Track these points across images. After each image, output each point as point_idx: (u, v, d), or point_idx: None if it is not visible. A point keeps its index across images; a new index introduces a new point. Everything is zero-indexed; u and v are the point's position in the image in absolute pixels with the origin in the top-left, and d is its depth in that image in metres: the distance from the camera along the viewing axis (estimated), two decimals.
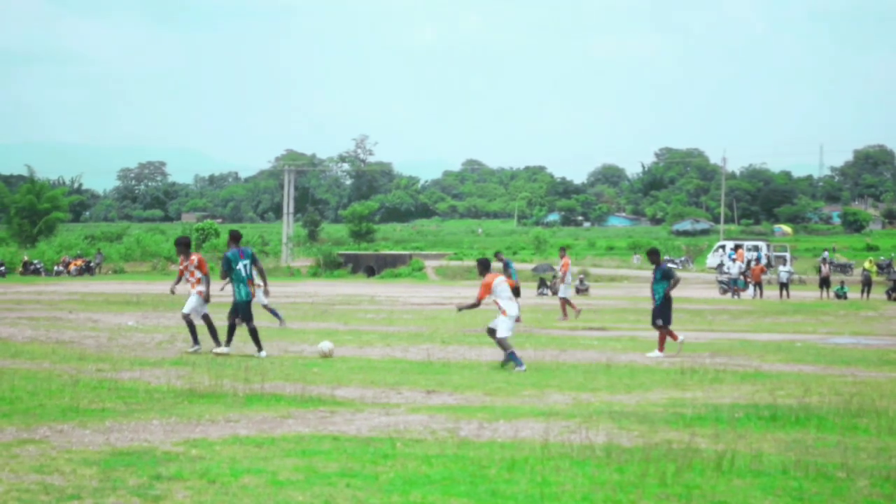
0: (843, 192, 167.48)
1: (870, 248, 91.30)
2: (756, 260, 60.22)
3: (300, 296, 40.84)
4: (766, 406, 11.65)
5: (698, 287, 54.41)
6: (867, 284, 45.18)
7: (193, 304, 17.70)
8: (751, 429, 10.24)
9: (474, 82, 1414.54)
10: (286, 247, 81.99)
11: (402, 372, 15.26)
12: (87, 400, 11.85)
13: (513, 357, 15.71)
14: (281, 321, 23.62)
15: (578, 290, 46.02)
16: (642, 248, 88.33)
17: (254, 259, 17.52)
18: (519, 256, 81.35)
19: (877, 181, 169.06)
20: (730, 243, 70.90)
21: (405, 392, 13.09)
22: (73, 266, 66.15)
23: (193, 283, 17.79)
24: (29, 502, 7.13)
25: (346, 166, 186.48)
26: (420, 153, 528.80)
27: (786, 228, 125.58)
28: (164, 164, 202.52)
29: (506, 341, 15.90)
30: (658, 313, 18.32)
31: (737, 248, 66.76)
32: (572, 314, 27.92)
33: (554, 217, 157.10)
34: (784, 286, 44.61)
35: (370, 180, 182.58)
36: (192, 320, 17.71)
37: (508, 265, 27.17)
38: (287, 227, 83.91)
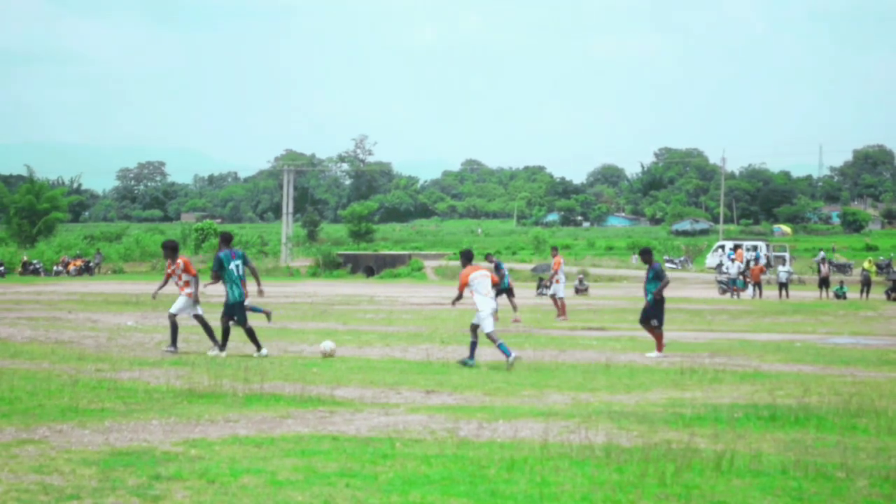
0: (842, 192, 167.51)
1: (869, 248, 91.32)
2: (755, 260, 60.24)
3: (299, 296, 40.85)
4: (766, 406, 11.65)
5: (697, 287, 54.44)
6: (866, 284, 45.20)
7: (181, 305, 17.72)
8: (750, 429, 10.24)
9: (474, 82, 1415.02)
10: (285, 247, 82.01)
11: (401, 372, 15.27)
12: (86, 400, 11.84)
13: (472, 349, 16.39)
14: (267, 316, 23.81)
15: (578, 291, 46.03)
16: (641, 248, 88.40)
17: (245, 259, 17.60)
18: (518, 256, 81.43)
19: (876, 181, 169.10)
20: (729, 243, 70.93)
21: (404, 392, 13.09)
22: (72, 266, 66.15)
23: (182, 287, 17.82)
24: (28, 502, 7.13)
25: (345, 166, 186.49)
26: (419, 153, 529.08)
27: (785, 228, 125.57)
28: (163, 164, 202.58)
29: (494, 336, 16.24)
30: (652, 314, 18.29)
31: (736, 248, 66.77)
32: (561, 311, 28.14)
33: (553, 217, 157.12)
34: (783, 286, 44.63)
35: (369, 180, 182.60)
36: (176, 322, 17.74)
37: (499, 266, 27.33)
38: (286, 228, 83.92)
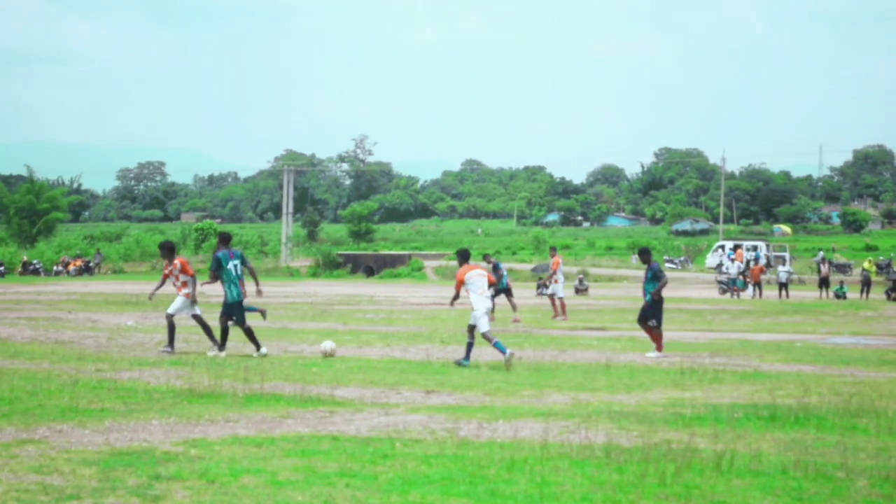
0: (842, 192, 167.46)
1: (869, 248, 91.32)
2: (755, 260, 60.23)
3: (299, 296, 40.84)
4: (766, 406, 11.65)
5: (698, 287, 54.44)
6: (866, 284, 45.19)
7: (178, 306, 17.76)
8: (750, 429, 10.24)
9: (474, 82, 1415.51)
10: (285, 247, 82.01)
11: (401, 372, 15.27)
12: (86, 400, 11.84)
13: (467, 350, 16.34)
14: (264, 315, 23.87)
15: (578, 291, 46.01)
16: (640, 248, 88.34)
17: (243, 259, 17.65)
18: (518, 256, 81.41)
19: (876, 181, 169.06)
20: (729, 243, 70.93)
21: (404, 392, 13.09)
22: (72, 266, 66.14)
23: (179, 287, 17.85)
24: (28, 502, 7.13)
25: (345, 166, 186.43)
26: (419, 153, 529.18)
27: (785, 228, 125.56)
28: (163, 164, 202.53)
29: (489, 336, 16.28)
30: (651, 314, 18.29)
31: (736, 248, 66.77)
32: (560, 311, 28.30)
33: (553, 217, 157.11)
34: (783, 286, 44.63)
35: (369, 180, 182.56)
36: (173, 322, 17.77)
37: (497, 267, 27.49)
38: (286, 228, 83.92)
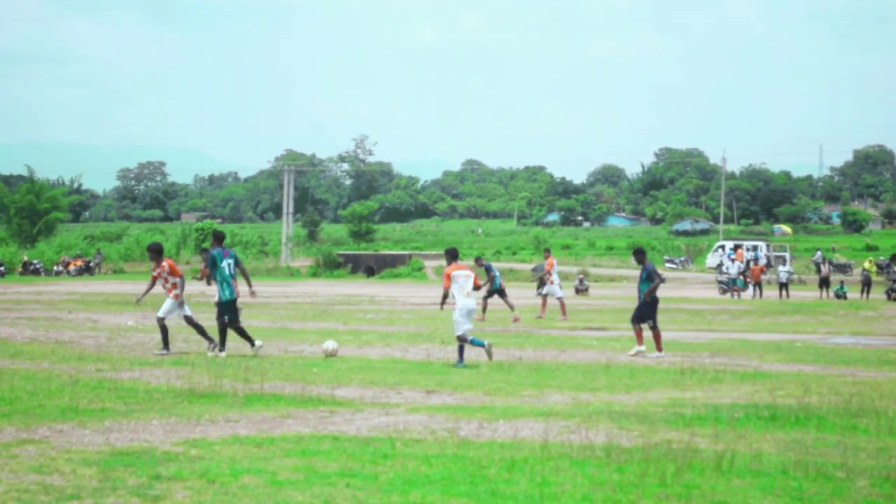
0: (842, 192, 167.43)
1: (869, 248, 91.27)
2: (755, 260, 60.23)
3: (300, 296, 40.85)
4: (766, 406, 11.65)
5: (698, 287, 54.44)
6: (867, 284, 45.15)
7: (168, 308, 17.78)
8: (750, 429, 10.24)
9: (474, 82, 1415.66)
10: (286, 247, 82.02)
11: (401, 372, 15.27)
12: (86, 400, 11.85)
13: (473, 342, 16.27)
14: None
15: (578, 291, 46.01)
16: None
17: (237, 260, 17.75)
18: (518, 256, 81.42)
19: (876, 181, 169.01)
20: (729, 243, 70.92)
21: (405, 392, 13.09)
22: (72, 266, 66.14)
23: (169, 289, 17.87)
24: (29, 502, 7.13)
25: (345, 166, 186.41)
26: (420, 153, 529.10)
27: (785, 228, 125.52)
28: (163, 164, 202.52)
29: (464, 337, 16.27)
30: (646, 314, 18.28)
31: (736, 248, 66.77)
32: (546, 312, 28.57)
33: (554, 217, 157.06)
34: (784, 286, 44.62)
35: (370, 180, 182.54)
36: (165, 325, 17.79)
37: (489, 269, 27.76)
38: (287, 228, 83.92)
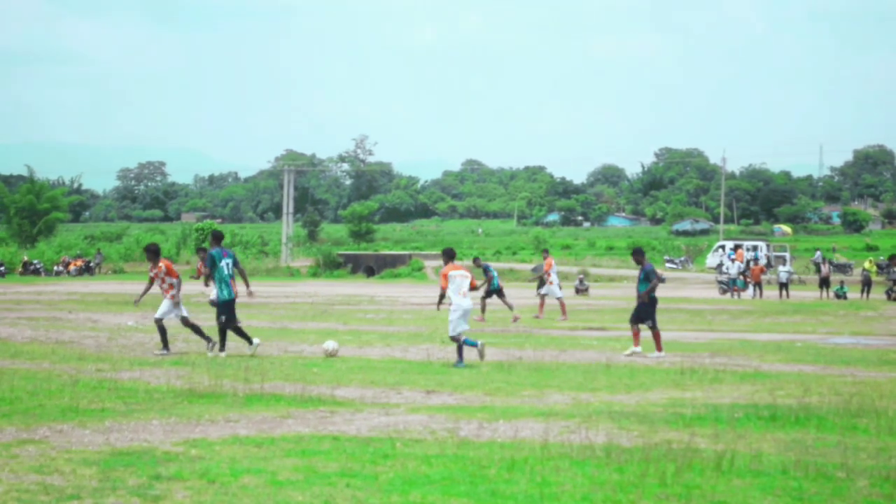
0: (842, 192, 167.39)
1: (869, 248, 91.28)
2: (754, 260, 60.25)
3: (300, 296, 40.85)
4: (766, 406, 11.65)
5: (698, 287, 54.44)
6: (867, 284, 45.15)
7: (165, 309, 17.79)
8: (750, 429, 10.24)
9: (474, 82, 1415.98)
10: (286, 247, 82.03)
11: (401, 372, 15.27)
12: (86, 400, 11.85)
13: (465, 342, 16.36)
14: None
15: (578, 291, 46.01)
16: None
17: (235, 260, 17.81)
18: (519, 256, 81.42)
19: (876, 181, 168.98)
20: (729, 243, 70.94)
21: (405, 392, 13.09)
22: (72, 266, 66.13)
23: (166, 290, 17.88)
24: (29, 502, 7.13)
25: (345, 166, 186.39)
26: (420, 153, 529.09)
27: (785, 228, 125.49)
28: (163, 164, 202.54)
29: (457, 338, 16.38)
30: (645, 314, 18.29)
31: (736, 248, 66.78)
32: (540, 311, 28.61)
33: (554, 217, 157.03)
34: (784, 286, 44.61)
35: (370, 180, 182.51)
36: (163, 325, 17.79)
37: (487, 270, 27.90)
38: (287, 228, 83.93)
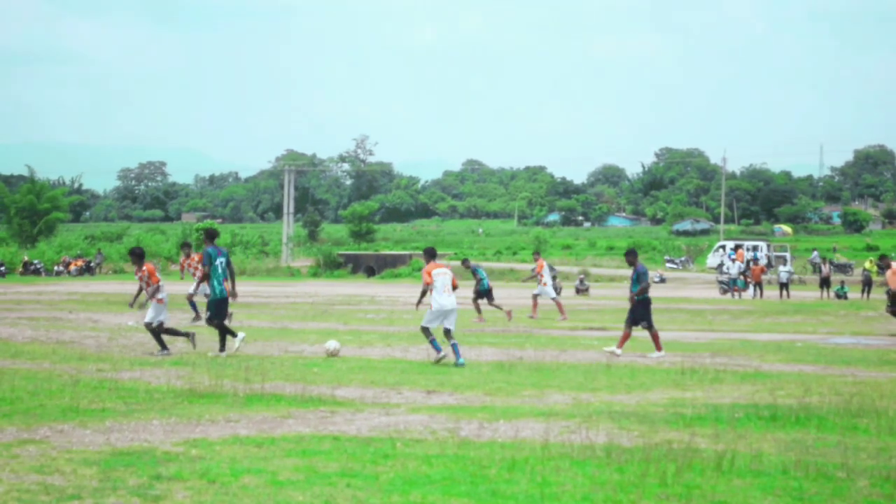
0: (843, 192, 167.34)
1: (870, 248, 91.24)
2: (754, 260, 60.27)
3: (300, 296, 40.85)
4: (767, 406, 11.65)
5: (698, 287, 54.45)
6: (867, 284, 45.16)
7: (154, 314, 17.67)
8: (751, 429, 10.24)
9: (474, 82, 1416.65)
10: (286, 247, 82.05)
11: (402, 372, 15.27)
12: (87, 400, 11.85)
13: (433, 343, 16.59)
14: (196, 317, 24.28)
15: (578, 291, 46.03)
16: (642, 248, 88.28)
17: (228, 260, 17.90)
18: (519, 257, 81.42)
19: (877, 181, 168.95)
20: (730, 243, 70.97)
21: (405, 392, 13.09)
22: (73, 266, 66.15)
23: (150, 294, 17.86)
24: (29, 502, 7.13)
25: (346, 166, 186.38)
26: (420, 153, 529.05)
27: (786, 228, 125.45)
28: (164, 164, 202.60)
29: (427, 330, 16.66)
30: (640, 316, 18.31)
31: (737, 248, 66.79)
32: (535, 311, 28.63)
33: (554, 217, 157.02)
34: (784, 286, 44.62)
35: (370, 180, 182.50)
36: (155, 329, 17.75)
37: (476, 271, 27.89)
38: (287, 228, 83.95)
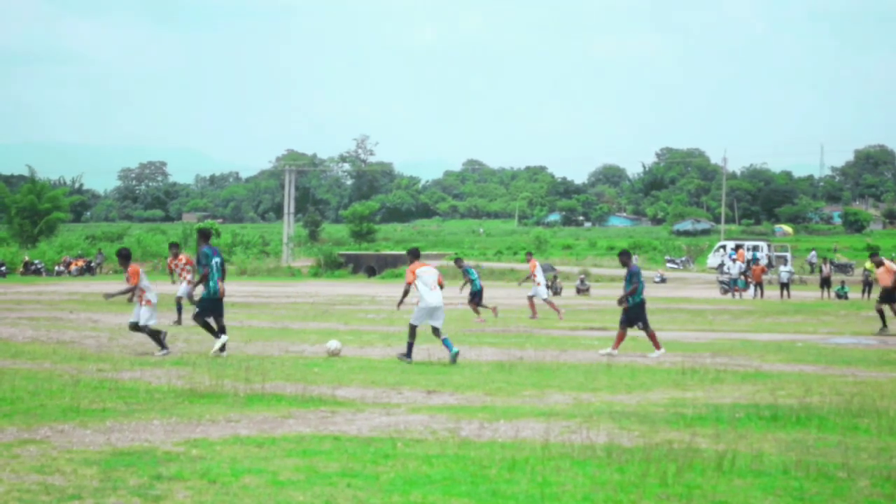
0: (843, 192, 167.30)
1: (870, 248, 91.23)
2: (755, 260, 60.26)
3: (301, 296, 40.86)
4: (767, 406, 11.64)
5: (699, 287, 54.45)
6: (868, 285, 45.15)
7: (146, 316, 17.65)
8: (751, 429, 10.24)
9: (474, 82, 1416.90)
10: (287, 247, 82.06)
11: (402, 372, 15.27)
12: (87, 400, 11.84)
13: (410, 346, 16.60)
14: (178, 321, 23.98)
15: (579, 291, 46.05)
16: (643, 248, 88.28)
17: (222, 259, 17.98)
18: (519, 257, 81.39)
19: (877, 181, 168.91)
20: (730, 243, 70.96)
21: (406, 392, 13.09)
22: (73, 266, 66.21)
23: (138, 297, 17.85)
24: (30, 502, 7.13)
25: (346, 166, 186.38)
26: (420, 153, 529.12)
27: (786, 228, 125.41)
28: (164, 164, 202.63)
29: (413, 330, 16.65)
30: (635, 316, 18.32)
31: (737, 248, 66.79)
32: (559, 311, 28.64)
33: (555, 217, 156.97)
34: (785, 286, 44.61)
35: (371, 180, 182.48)
36: (151, 329, 17.74)
37: (467, 271, 28.11)
38: (288, 228, 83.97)
